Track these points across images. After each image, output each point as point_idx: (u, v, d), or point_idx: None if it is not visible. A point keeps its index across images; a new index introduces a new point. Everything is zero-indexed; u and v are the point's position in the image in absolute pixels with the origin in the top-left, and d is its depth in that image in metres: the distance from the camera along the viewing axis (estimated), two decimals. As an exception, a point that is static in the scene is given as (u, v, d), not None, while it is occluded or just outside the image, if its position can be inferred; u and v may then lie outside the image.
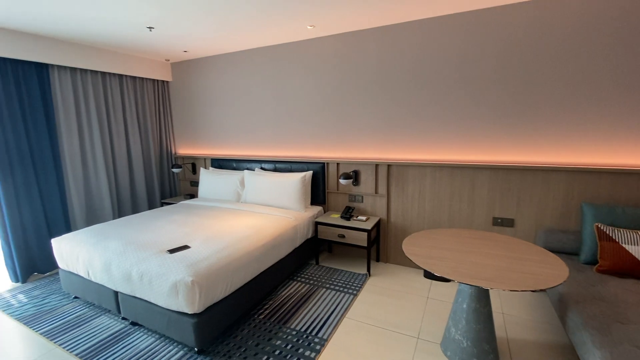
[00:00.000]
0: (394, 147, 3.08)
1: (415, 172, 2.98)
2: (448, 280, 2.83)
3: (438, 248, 1.94)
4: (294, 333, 2.16)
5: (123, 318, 2.37)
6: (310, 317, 2.33)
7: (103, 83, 3.65)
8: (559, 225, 2.53)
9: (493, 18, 2.54)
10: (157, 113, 4.31)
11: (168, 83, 4.42)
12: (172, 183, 4.57)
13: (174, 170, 4.21)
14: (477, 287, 1.65)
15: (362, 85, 3.13)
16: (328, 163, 3.39)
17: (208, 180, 3.84)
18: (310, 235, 3.18)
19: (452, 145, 2.84)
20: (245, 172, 3.61)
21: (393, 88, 2.99)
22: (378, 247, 3.24)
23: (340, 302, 2.52)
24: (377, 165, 3.13)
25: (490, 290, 2.60)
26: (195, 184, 4.46)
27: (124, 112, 3.90)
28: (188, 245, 2.28)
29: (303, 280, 2.89)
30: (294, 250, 2.93)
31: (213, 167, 4.17)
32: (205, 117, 4.20)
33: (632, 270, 1.94)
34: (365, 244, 2.88)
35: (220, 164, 4.09)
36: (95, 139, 3.55)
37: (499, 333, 2.12)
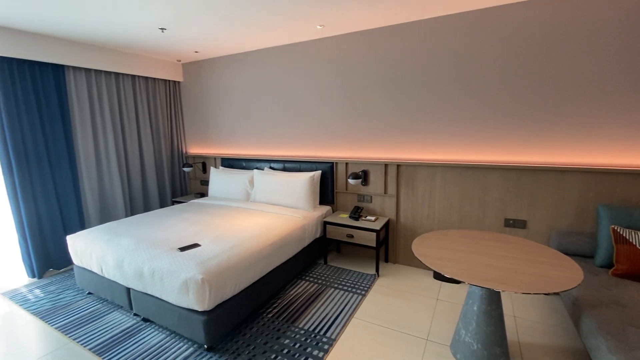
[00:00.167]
0: (404, 146, 3.06)
1: (425, 172, 2.95)
2: (458, 282, 2.80)
3: (448, 249, 1.92)
4: (302, 332, 2.16)
5: (135, 314, 2.41)
6: (319, 316, 2.34)
7: (116, 83, 3.72)
8: (574, 227, 2.47)
9: (502, 15, 2.50)
10: (168, 113, 4.38)
11: (179, 83, 4.48)
12: (183, 182, 4.64)
13: (185, 170, 4.27)
14: (488, 289, 1.62)
15: (372, 85, 3.11)
16: (337, 163, 3.39)
17: (218, 180, 3.88)
18: (319, 235, 3.18)
19: (463, 145, 2.81)
20: (255, 171, 3.63)
21: (403, 87, 2.97)
22: (387, 247, 3.23)
23: (349, 302, 2.52)
24: (386, 165, 3.11)
25: (502, 293, 2.56)
26: (206, 183, 4.51)
27: (137, 112, 3.97)
28: (198, 244, 2.31)
29: (311, 280, 2.90)
30: (303, 250, 2.94)
31: (223, 166, 4.21)
32: (216, 116, 4.24)
33: (650, 275, 1.89)
34: (374, 244, 2.86)
35: (230, 163, 4.13)
36: (109, 139, 3.62)
37: (511, 336, 2.08)
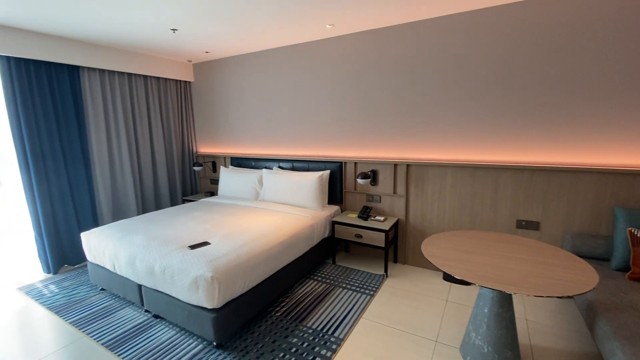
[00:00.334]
0: (414, 146, 3.03)
1: (436, 172, 2.92)
2: (468, 284, 2.76)
3: (458, 250, 1.90)
4: (310, 331, 2.17)
5: (146, 310, 2.45)
6: (327, 316, 2.34)
7: (129, 84, 3.79)
8: (589, 230, 2.41)
9: (518, 12, 2.45)
10: (179, 112, 4.43)
11: (190, 83, 4.53)
12: (193, 181, 4.69)
13: (195, 169, 4.32)
14: (499, 291, 1.60)
15: (381, 84, 3.09)
16: (346, 162, 3.38)
17: (227, 179, 3.92)
18: (327, 235, 3.18)
19: (474, 145, 2.77)
20: (264, 170, 3.65)
21: (413, 87, 2.94)
22: (396, 248, 3.20)
23: (357, 302, 2.51)
24: (395, 165, 3.09)
25: (514, 295, 2.51)
26: (215, 182, 4.55)
27: (149, 111, 4.04)
28: (208, 242, 2.34)
29: (319, 279, 2.90)
30: (311, 249, 2.94)
31: (232, 165, 4.24)
32: (226, 116, 4.28)
33: (669, 279, 1.83)
34: (383, 245, 2.85)
35: (240, 163, 4.16)
36: (122, 138, 3.69)
37: (522, 340, 2.04)
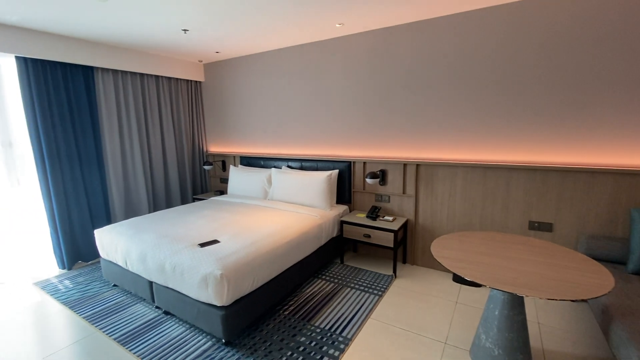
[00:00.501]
0: (424, 146, 3.00)
1: (446, 172, 2.89)
2: (478, 285, 2.72)
3: (469, 251, 1.87)
4: (318, 331, 2.17)
5: (157, 307, 2.49)
6: (335, 315, 2.34)
7: (141, 84, 3.85)
8: (604, 232, 2.35)
9: (532, 11, 2.40)
10: (190, 112, 4.49)
11: (201, 83, 4.58)
12: (203, 179, 4.75)
13: (205, 168, 4.37)
14: (510, 293, 1.57)
15: (390, 83, 3.07)
16: (354, 162, 3.37)
17: (237, 178, 3.95)
18: (336, 234, 3.18)
19: (485, 145, 2.72)
20: (273, 170, 3.67)
21: (424, 85, 2.91)
22: (405, 248, 3.18)
23: (365, 302, 2.50)
24: (405, 165, 3.06)
25: (525, 298, 2.46)
26: (225, 181, 4.60)
27: (160, 111, 4.10)
28: (218, 240, 2.36)
29: (328, 279, 2.90)
30: (319, 249, 2.94)
31: (242, 164, 4.27)
32: (235, 116, 4.31)
33: (689, 284, 1.76)
34: (392, 245, 2.83)
35: (249, 162, 4.19)
36: (134, 138, 3.75)
37: (534, 343, 2.00)
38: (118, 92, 3.59)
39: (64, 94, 3.14)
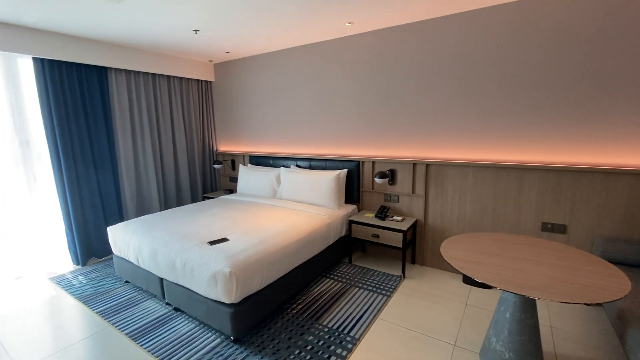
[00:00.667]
0: (434, 145, 2.97)
1: (456, 172, 2.85)
2: (489, 287, 2.68)
3: (479, 252, 1.84)
4: (326, 330, 2.17)
5: (167, 303, 2.53)
6: (343, 315, 2.33)
7: (153, 84, 3.91)
8: (621, 234, 2.28)
9: (543, 8, 2.35)
10: (200, 112, 4.54)
11: (211, 83, 4.63)
12: (213, 178, 4.80)
13: (215, 167, 4.41)
14: (522, 296, 1.54)
15: (401, 82, 3.05)
16: (363, 161, 3.35)
17: (246, 177, 3.98)
18: (344, 234, 3.17)
19: (497, 144, 2.68)
20: (282, 169, 3.68)
21: (433, 84, 2.88)
22: (414, 249, 3.15)
23: (373, 302, 2.49)
24: (414, 165, 3.04)
25: (538, 301, 2.41)
26: (235, 180, 4.64)
27: (171, 111, 4.16)
28: (227, 238, 2.38)
29: (336, 278, 2.89)
30: (327, 248, 2.94)
31: (251, 163, 4.30)
32: (245, 115, 4.34)
33: None
34: (401, 245, 2.81)
35: (258, 161, 4.22)
36: (146, 137, 3.82)
37: (546, 347, 1.96)
38: (131, 91, 3.65)
39: (79, 94, 3.21)
